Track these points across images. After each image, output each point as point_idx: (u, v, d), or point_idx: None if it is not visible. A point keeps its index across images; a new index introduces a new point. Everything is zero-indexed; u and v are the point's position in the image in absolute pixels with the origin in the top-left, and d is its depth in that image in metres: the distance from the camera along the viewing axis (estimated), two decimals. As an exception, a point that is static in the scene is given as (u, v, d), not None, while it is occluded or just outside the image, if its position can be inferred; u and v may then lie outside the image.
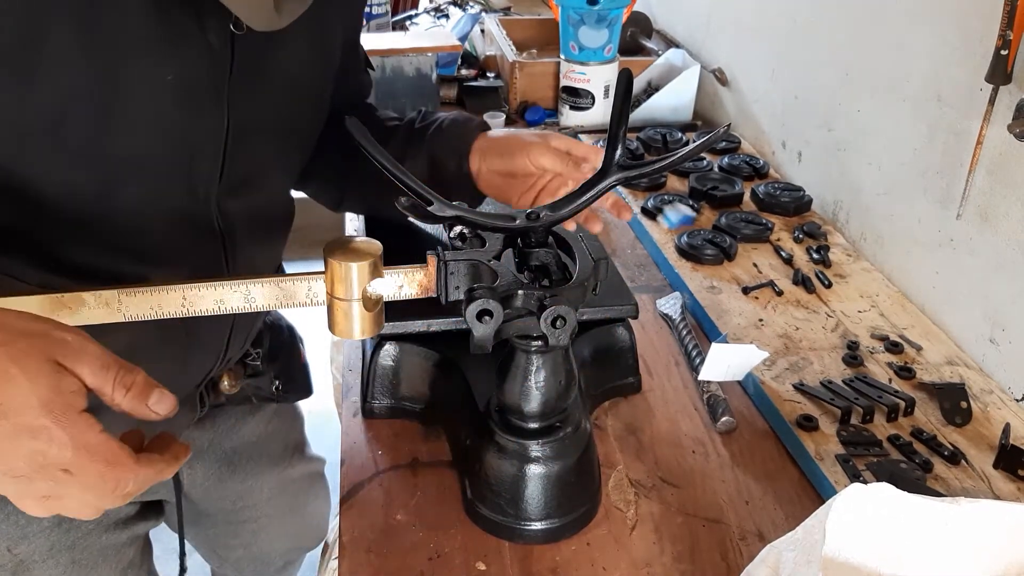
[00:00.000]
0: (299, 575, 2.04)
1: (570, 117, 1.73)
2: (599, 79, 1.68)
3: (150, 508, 1.03)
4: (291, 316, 1.08)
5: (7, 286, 0.64)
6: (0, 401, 0.48)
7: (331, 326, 0.64)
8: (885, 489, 0.60)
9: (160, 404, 0.53)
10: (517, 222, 0.70)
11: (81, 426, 0.50)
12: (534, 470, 0.75)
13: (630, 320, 0.94)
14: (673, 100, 1.74)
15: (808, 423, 0.90)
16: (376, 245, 0.63)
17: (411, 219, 0.69)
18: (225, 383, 0.96)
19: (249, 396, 1.02)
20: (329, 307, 0.63)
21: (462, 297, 0.66)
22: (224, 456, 1.07)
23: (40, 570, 0.88)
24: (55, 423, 0.49)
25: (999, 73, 0.94)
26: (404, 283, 0.65)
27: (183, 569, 1.10)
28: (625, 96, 0.73)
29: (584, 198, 0.71)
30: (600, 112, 1.72)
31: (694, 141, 0.73)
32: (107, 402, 0.52)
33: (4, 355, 0.48)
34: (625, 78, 0.72)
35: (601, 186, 0.71)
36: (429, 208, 0.67)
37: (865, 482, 0.82)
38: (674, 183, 1.48)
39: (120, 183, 0.68)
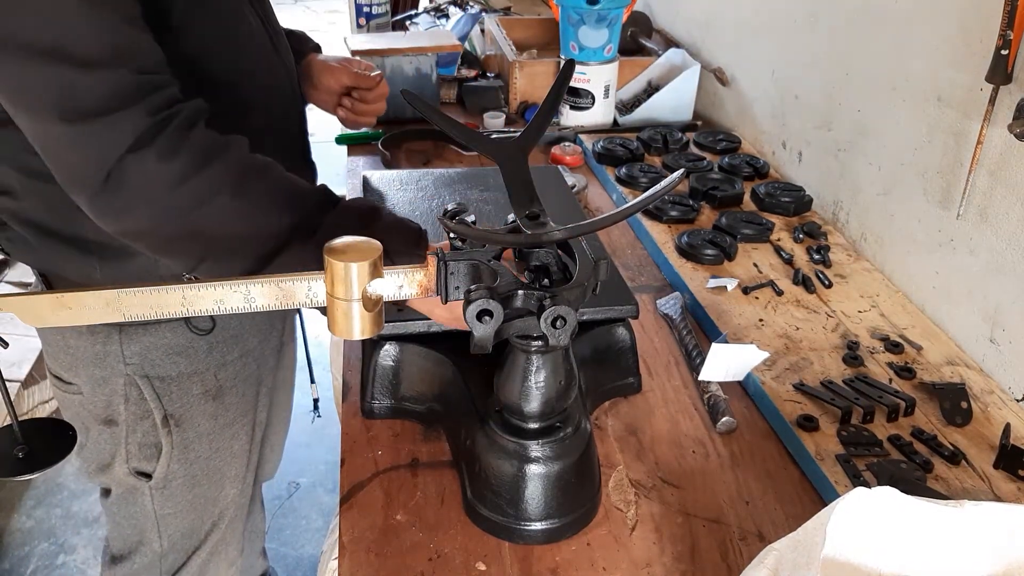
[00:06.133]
0: (299, 575, 2.05)
1: (570, 117, 1.73)
2: (599, 79, 1.68)
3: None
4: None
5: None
6: None
7: (331, 326, 0.64)
8: (889, 493, 0.60)
9: None
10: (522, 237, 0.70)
11: None
12: (534, 470, 0.75)
13: (630, 320, 0.94)
14: (673, 100, 1.74)
15: (808, 423, 0.90)
16: (376, 245, 0.63)
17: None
18: None
19: None
20: (329, 307, 0.63)
21: (462, 297, 0.66)
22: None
23: (230, 396, 1.06)
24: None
25: (999, 73, 0.94)
26: (404, 283, 0.65)
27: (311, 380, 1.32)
28: (559, 89, 0.74)
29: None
30: (600, 112, 1.71)
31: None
32: None
33: None
34: (567, 68, 0.73)
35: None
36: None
37: (866, 482, 0.82)
38: (674, 183, 1.48)
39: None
